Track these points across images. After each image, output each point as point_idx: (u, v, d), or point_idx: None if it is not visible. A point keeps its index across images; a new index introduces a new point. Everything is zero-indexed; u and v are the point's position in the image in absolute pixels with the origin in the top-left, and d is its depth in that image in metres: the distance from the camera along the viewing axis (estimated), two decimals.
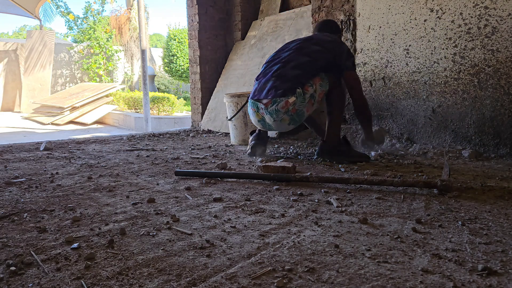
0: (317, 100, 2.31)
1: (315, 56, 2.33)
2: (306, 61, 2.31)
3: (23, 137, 6.65)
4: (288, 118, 2.28)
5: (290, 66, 2.32)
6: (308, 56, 2.33)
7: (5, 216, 1.39)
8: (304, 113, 2.30)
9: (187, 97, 13.41)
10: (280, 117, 2.27)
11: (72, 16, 13.82)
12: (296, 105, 2.25)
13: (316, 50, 2.34)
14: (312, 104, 2.30)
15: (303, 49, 2.37)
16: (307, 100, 2.27)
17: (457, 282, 0.86)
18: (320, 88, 2.29)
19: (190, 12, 4.45)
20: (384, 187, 1.68)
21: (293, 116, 2.27)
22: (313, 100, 2.29)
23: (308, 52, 2.35)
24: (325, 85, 2.31)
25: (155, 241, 1.14)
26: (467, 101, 2.36)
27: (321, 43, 2.37)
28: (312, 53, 2.34)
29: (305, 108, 2.28)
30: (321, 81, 2.30)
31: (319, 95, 2.30)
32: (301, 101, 2.25)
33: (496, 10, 2.19)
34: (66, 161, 2.51)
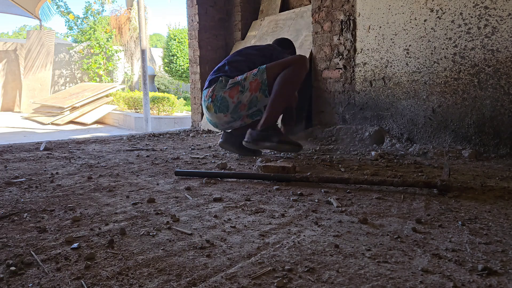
0: (249, 89, 2.26)
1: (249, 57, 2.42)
2: (240, 59, 2.40)
3: (23, 137, 6.65)
4: (211, 105, 2.29)
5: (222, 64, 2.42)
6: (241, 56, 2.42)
7: (5, 216, 1.39)
8: (225, 98, 2.26)
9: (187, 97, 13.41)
10: (206, 105, 2.32)
11: (72, 16, 13.83)
12: (215, 91, 2.26)
13: (251, 53, 2.44)
14: (238, 92, 2.26)
15: (240, 52, 2.48)
16: (229, 86, 2.26)
17: (457, 282, 0.86)
18: (252, 77, 2.27)
19: (190, 12, 4.45)
20: (384, 187, 1.68)
21: (214, 101, 2.27)
22: (240, 88, 2.26)
23: (242, 54, 2.45)
24: (261, 74, 2.27)
25: (155, 241, 1.14)
26: (467, 101, 2.37)
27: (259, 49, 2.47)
28: (246, 55, 2.44)
29: (224, 93, 2.26)
30: (256, 71, 2.29)
31: (250, 83, 2.26)
32: (221, 87, 2.25)
33: (496, 10, 2.19)
34: (66, 161, 2.51)
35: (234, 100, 2.26)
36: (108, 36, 13.42)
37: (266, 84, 2.26)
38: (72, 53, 13.23)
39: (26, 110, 11.44)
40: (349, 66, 3.01)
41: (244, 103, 2.28)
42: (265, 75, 2.25)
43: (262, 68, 2.28)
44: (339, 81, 3.09)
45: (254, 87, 2.25)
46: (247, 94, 2.26)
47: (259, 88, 2.25)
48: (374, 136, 2.79)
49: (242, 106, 2.29)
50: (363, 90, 2.93)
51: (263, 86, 2.26)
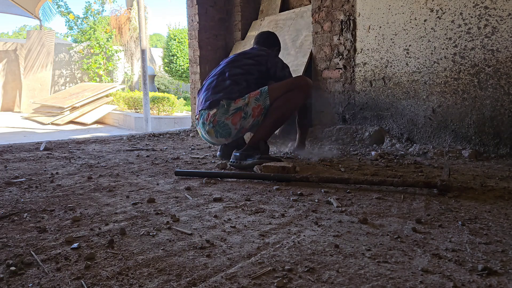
0: (251, 115, 2.22)
1: (247, 68, 2.34)
2: (238, 73, 2.31)
3: (23, 137, 6.65)
4: (212, 130, 2.24)
5: (222, 78, 2.32)
6: (240, 69, 2.34)
7: (5, 216, 1.39)
8: (227, 125, 2.21)
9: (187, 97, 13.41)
10: (206, 129, 2.27)
11: (72, 16, 13.83)
12: (216, 116, 2.20)
13: (249, 63, 2.36)
14: (241, 118, 2.21)
15: (235, 62, 2.39)
16: (231, 112, 2.19)
17: (457, 282, 0.86)
18: (254, 102, 2.21)
19: (190, 12, 4.45)
20: (384, 187, 1.68)
21: (216, 127, 2.22)
22: (243, 114, 2.20)
23: (240, 65, 2.36)
24: (264, 100, 2.22)
25: (155, 241, 1.14)
26: (467, 101, 2.37)
27: (253, 57, 2.40)
28: (244, 66, 2.35)
29: (227, 119, 2.20)
30: (258, 95, 2.23)
31: (253, 108, 2.21)
32: (223, 112, 2.19)
33: (496, 10, 2.19)
34: (66, 161, 2.51)
35: (236, 126, 2.23)
36: (108, 36, 13.41)
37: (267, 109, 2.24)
38: (72, 53, 13.23)
39: (26, 110, 11.44)
40: (349, 66, 3.01)
41: (246, 128, 2.26)
42: (268, 101, 2.23)
43: (264, 91, 2.23)
44: (339, 81, 3.09)
45: (257, 113, 2.23)
46: (250, 120, 2.23)
47: (262, 113, 2.24)
48: (374, 136, 2.79)
49: (244, 130, 2.28)
50: (363, 90, 2.93)
51: (265, 111, 2.24)
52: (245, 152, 2.16)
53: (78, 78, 13.36)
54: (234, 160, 2.17)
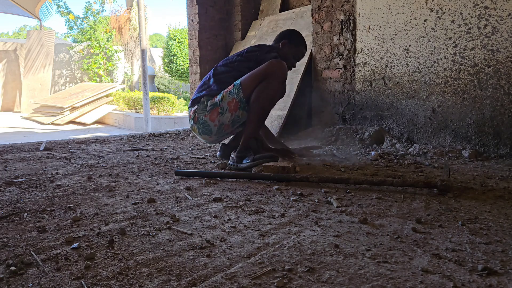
0: (229, 109, 2.17)
1: (235, 66, 2.29)
2: (224, 71, 2.29)
3: (23, 137, 6.65)
4: (195, 127, 2.26)
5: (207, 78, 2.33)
6: (227, 67, 2.31)
7: (5, 216, 1.39)
8: (206, 121, 2.20)
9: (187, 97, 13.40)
10: (191, 125, 2.31)
11: (72, 16, 13.83)
12: (196, 113, 2.23)
13: (237, 60, 2.31)
14: (218, 113, 2.18)
15: (225, 61, 2.36)
16: (210, 108, 2.19)
17: (457, 282, 0.86)
18: (229, 96, 2.17)
19: (190, 12, 4.45)
20: (384, 187, 1.68)
21: (197, 124, 2.24)
22: (219, 109, 2.18)
23: (228, 63, 2.32)
24: (237, 93, 2.17)
25: (155, 241, 1.14)
26: (467, 101, 2.36)
27: (243, 53, 2.33)
28: (232, 63, 2.31)
29: (205, 116, 2.20)
30: (231, 89, 2.18)
31: (228, 103, 2.17)
32: (202, 109, 2.21)
33: (496, 10, 2.19)
34: (66, 161, 2.51)
35: (215, 123, 2.21)
36: (108, 36, 13.41)
37: (244, 102, 2.17)
38: (72, 53, 13.23)
39: (26, 110, 11.44)
40: (349, 66, 3.01)
41: (226, 124, 2.22)
42: (241, 93, 2.16)
43: (236, 84, 2.18)
44: (339, 81, 3.09)
45: (233, 107, 2.17)
46: (228, 115, 2.19)
47: (239, 106, 2.18)
48: (374, 136, 2.79)
49: (226, 126, 2.23)
50: (363, 90, 2.93)
51: (241, 104, 2.18)
52: (239, 154, 2.16)
53: (78, 78, 13.36)
54: (231, 163, 2.18)
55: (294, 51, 2.45)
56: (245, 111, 2.20)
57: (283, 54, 2.41)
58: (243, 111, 2.19)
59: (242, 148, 2.18)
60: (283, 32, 2.51)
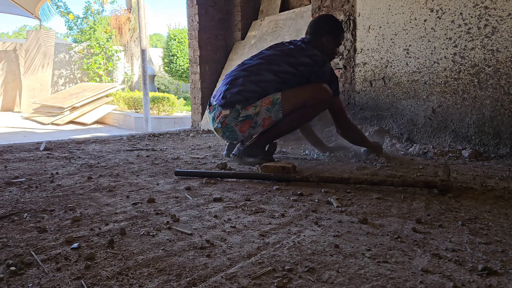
0: (260, 124, 2.12)
1: (284, 78, 2.12)
2: (271, 80, 2.11)
3: (23, 137, 6.65)
4: (220, 130, 2.19)
5: (249, 79, 2.14)
6: (275, 76, 2.11)
7: (5, 216, 1.39)
8: (235, 131, 2.14)
9: (187, 97, 13.41)
10: (214, 126, 2.23)
11: (72, 16, 13.83)
12: (227, 119, 2.13)
13: (288, 71, 2.12)
14: (250, 126, 2.12)
15: (272, 64, 2.15)
16: (242, 119, 2.10)
17: (457, 282, 0.86)
18: (266, 112, 2.09)
19: (190, 12, 4.45)
20: (384, 187, 1.68)
21: (223, 129, 2.17)
22: (253, 123, 2.11)
23: (276, 71, 2.12)
24: (276, 112, 2.09)
25: (155, 241, 1.14)
26: (467, 101, 2.37)
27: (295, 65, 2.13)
28: (281, 73, 2.11)
29: (235, 126, 2.13)
30: (270, 105, 2.09)
31: (263, 119, 2.10)
32: (234, 117, 2.11)
33: (496, 10, 2.19)
34: (66, 161, 2.51)
35: (244, 134, 2.17)
36: (108, 36, 13.41)
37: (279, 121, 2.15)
38: (72, 53, 13.23)
39: (26, 110, 11.44)
40: (349, 66, 3.01)
41: (253, 134, 2.21)
42: (280, 115, 2.10)
43: (277, 102, 2.07)
44: (339, 81, 3.09)
45: (267, 124, 2.13)
46: (259, 129, 2.16)
47: (272, 124, 2.15)
48: (374, 136, 2.79)
49: (250, 137, 2.24)
50: (363, 90, 2.93)
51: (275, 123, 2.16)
52: (249, 149, 2.13)
53: (78, 78, 13.36)
54: (236, 153, 2.13)
55: (338, 40, 2.36)
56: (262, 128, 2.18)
57: (329, 50, 2.32)
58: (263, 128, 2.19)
59: (255, 146, 2.15)
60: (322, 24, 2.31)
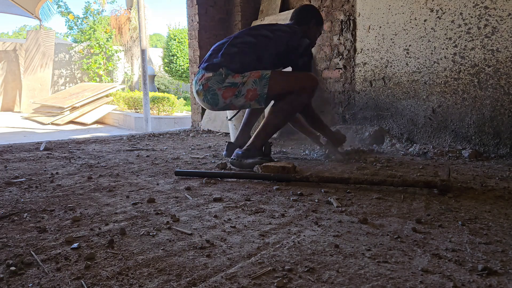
0: (244, 96, 2.09)
1: (263, 41, 2.13)
2: (250, 42, 2.12)
3: (23, 137, 6.64)
4: (202, 93, 2.13)
5: (232, 43, 2.15)
6: (254, 38, 2.14)
7: (5, 216, 1.39)
8: (217, 95, 2.09)
9: (187, 97, 13.41)
10: (196, 88, 2.17)
11: (72, 16, 13.82)
12: (209, 81, 2.09)
13: (266, 35, 2.14)
14: (233, 95, 2.08)
15: (252, 30, 2.20)
16: (226, 85, 2.06)
17: (457, 282, 0.86)
18: (252, 84, 2.06)
19: (190, 12, 4.45)
20: (384, 187, 1.68)
21: (205, 92, 2.11)
22: (236, 91, 2.07)
23: (255, 34, 2.16)
24: (262, 86, 2.07)
25: (155, 241, 1.14)
26: (467, 101, 2.37)
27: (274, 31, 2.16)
28: (260, 36, 2.14)
29: (218, 90, 2.08)
30: (258, 78, 2.07)
31: (248, 90, 2.07)
32: (217, 80, 2.07)
33: (496, 10, 2.19)
34: (66, 161, 2.51)
35: (226, 101, 2.13)
36: (108, 36, 13.41)
37: (264, 98, 2.12)
38: (72, 53, 13.22)
39: (26, 110, 11.44)
40: (349, 66, 3.01)
41: (235, 106, 2.16)
42: (266, 90, 2.08)
43: (265, 77, 2.07)
44: (339, 81, 3.09)
45: (251, 97, 2.10)
46: (241, 100, 2.12)
47: (255, 99, 2.11)
48: (374, 136, 2.79)
49: (233, 106, 2.18)
50: (363, 90, 2.93)
51: (260, 99, 2.11)
52: (247, 152, 2.13)
53: (78, 78, 13.36)
54: (235, 158, 2.11)
55: (319, 29, 2.41)
56: (258, 104, 2.15)
57: (311, 35, 2.34)
58: (256, 104, 2.15)
59: (252, 148, 2.13)
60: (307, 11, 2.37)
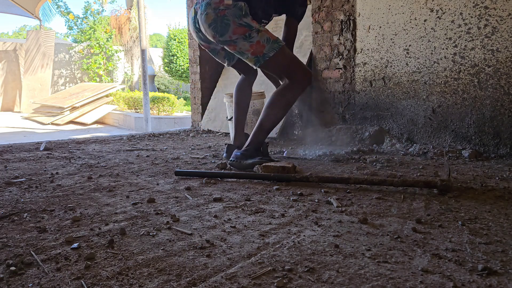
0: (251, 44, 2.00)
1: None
2: None
3: (23, 137, 6.64)
4: (212, 16, 1.98)
5: None
6: None
7: (5, 216, 1.39)
8: (228, 27, 1.97)
9: (187, 97, 13.41)
10: (207, 11, 1.99)
11: (72, 16, 13.83)
12: (227, 10, 1.96)
13: None
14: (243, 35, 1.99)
15: None
16: (241, 23, 1.97)
17: (457, 282, 0.86)
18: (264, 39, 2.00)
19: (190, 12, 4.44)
20: (384, 187, 1.68)
21: (217, 17, 1.97)
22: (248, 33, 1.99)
23: None
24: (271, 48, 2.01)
25: (155, 241, 1.14)
26: (467, 101, 2.37)
27: None
28: None
29: (233, 23, 1.97)
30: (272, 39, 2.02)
31: (257, 41, 1.99)
32: (236, 14, 1.96)
33: (496, 10, 2.19)
34: (66, 161, 2.51)
35: (233, 37, 2.00)
36: (108, 36, 13.41)
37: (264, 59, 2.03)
38: (72, 53, 13.22)
39: (26, 110, 11.44)
40: (349, 66, 3.01)
41: (234, 46, 2.05)
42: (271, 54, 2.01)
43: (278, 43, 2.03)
44: (339, 81, 3.09)
45: (255, 48, 2.01)
46: (246, 44, 2.01)
47: (255, 56, 2.03)
48: (374, 136, 2.79)
49: (232, 45, 2.06)
50: (363, 90, 2.93)
51: (260, 58, 2.03)
52: (246, 152, 2.12)
53: (78, 78, 13.36)
54: (234, 159, 2.10)
55: None
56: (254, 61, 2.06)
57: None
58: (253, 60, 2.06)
59: (251, 148, 2.11)
60: None
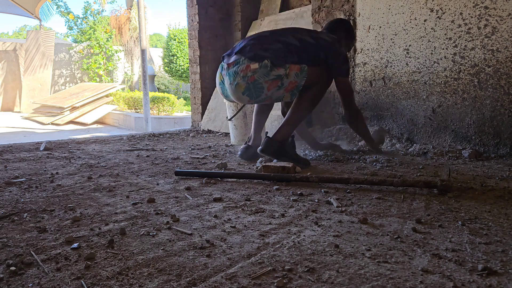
0: (285, 88, 2.10)
1: (305, 45, 2.15)
2: (294, 44, 2.13)
3: (23, 137, 6.64)
4: (244, 84, 2.08)
5: (275, 38, 2.15)
6: (298, 41, 2.15)
7: (5, 216, 1.39)
8: (262, 88, 2.08)
9: (187, 97, 13.41)
10: (237, 81, 2.09)
11: (72, 16, 13.83)
12: (256, 74, 2.04)
13: (309, 41, 2.18)
14: (277, 86, 2.08)
15: (297, 33, 2.21)
16: (272, 77, 2.05)
17: (457, 282, 0.86)
18: (294, 77, 2.08)
19: (190, 12, 4.45)
20: (384, 187, 1.68)
21: (249, 85, 2.07)
22: (280, 83, 2.07)
23: (300, 38, 2.17)
24: (301, 78, 2.10)
25: (155, 241, 1.14)
26: (467, 101, 2.37)
27: (316, 38, 2.21)
28: (304, 41, 2.16)
29: (265, 83, 2.06)
30: (299, 71, 2.09)
31: (289, 83, 2.08)
32: (264, 73, 2.04)
33: (496, 10, 2.19)
34: (66, 161, 2.51)
35: (268, 93, 2.11)
36: (108, 36, 13.42)
37: (299, 89, 2.14)
38: (72, 53, 13.23)
39: (26, 110, 11.44)
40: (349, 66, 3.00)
41: (271, 97, 2.16)
42: (303, 82, 2.11)
43: (304, 69, 2.10)
44: None
45: (290, 88, 2.12)
46: (281, 91, 2.11)
47: (291, 90, 2.13)
48: (374, 136, 2.79)
49: (269, 99, 2.18)
50: (363, 90, 2.93)
51: (295, 90, 2.13)
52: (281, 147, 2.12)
53: (78, 78, 13.36)
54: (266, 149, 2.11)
55: (350, 44, 2.64)
56: (291, 96, 2.16)
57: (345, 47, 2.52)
58: (290, 96, 2.16)
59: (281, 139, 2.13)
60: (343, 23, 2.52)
